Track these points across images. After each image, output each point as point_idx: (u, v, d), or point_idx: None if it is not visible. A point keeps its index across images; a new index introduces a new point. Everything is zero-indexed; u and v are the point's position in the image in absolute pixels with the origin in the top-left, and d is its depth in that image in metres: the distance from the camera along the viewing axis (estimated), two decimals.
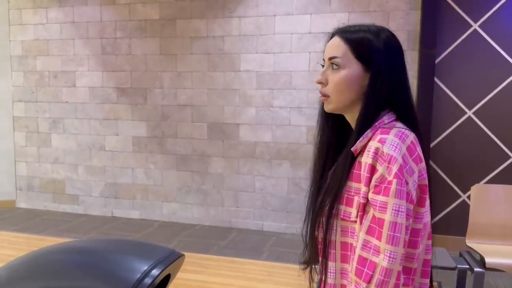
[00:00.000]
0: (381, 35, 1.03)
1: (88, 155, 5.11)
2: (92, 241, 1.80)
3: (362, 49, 1.02)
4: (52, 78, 5.11)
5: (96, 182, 5.13)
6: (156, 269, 1.29)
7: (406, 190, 0.91)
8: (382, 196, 0.91)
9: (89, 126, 5.06)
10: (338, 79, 1.03)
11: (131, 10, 4.77)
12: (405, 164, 0.92)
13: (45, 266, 1.36)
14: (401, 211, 0.90)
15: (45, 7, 5.02)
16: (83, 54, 4.98)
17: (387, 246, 0.89)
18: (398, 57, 1.04)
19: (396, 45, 1.05)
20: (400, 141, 0.94)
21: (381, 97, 1.01)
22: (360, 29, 1.05)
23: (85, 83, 5.01)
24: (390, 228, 0.89)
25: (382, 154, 0.92)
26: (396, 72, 1.03)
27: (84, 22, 4.92)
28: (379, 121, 1.01)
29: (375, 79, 1.01)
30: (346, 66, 1.02)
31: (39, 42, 5.09)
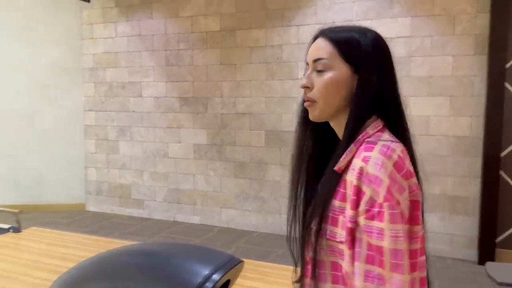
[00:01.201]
0: (368, 34, 0.95)
1: (152, 162, 5.34)
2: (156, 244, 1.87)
3: (350, 50, 0.94)
4: (120, 89, 5.42)
5: (160, 187, 5.34)
6: (217, 274, 1.31)
7: (399, 212, 0.83)
8: (377, 222, 0.83)
9: (154, 134, 5.30)
10: (324, 82, 0.94)
11: (194, 23, 4.95)
12: (394, 183, 0.84)
13: (112, 268, 1.44)
14: (399, 236, 0.82)
15: (114, 22, 5.34)
16: (148, 66, 5.23)
17: (393, 275, 0.81)
18: (386, 59, 0.97)
19: (385, 45, 0.97)
20: (386, 158, 0.85)
21: (369, 101, 0.93)
22: (345, 29, 0.97)
23: (150, 93, 5.26)
24: (391, 256, 0.82)
25: (367, 175, 0.84)
26: (385, 75, 0.95)
27: (150, 35, 5.18)
28: (363, 134, 0.92)
29: (364, 81, 0.93)
30: (333, 68, 0.94)
31: (109, 55, 5.43)
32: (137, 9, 5.20)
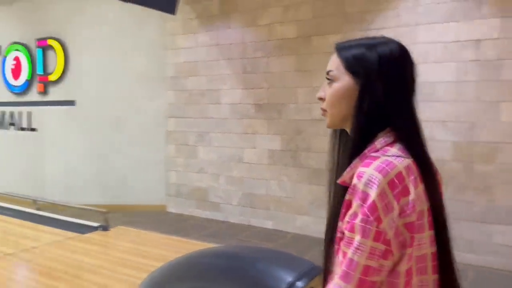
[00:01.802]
0: (377, 47, 0.96)
1: (228, 167, 5.48)
2: (239, 247, 1.91)
3: (353, 62, 0.96)
4: (199, 96, 5.64)
5: (235, 191, 5.46)
6: (301, 281, 1.30)
7: (373, 229, 0.83)
8: (349, 233, 0.86)
9: (230, 140, 5.44)
10: (330, 92, 0.99)
11: (270, 30, 5.02)
12: (381, 201, 0.83)
13: (198, 269, 1.49)
14: (360, 250, 0.83)
15: (194, 32, 5.59)
16: (226, 74, 5.39)
17: (339, 281, 0.86)
18: (393, 69, 0.94)
19: (394, 56, 0.95)
20: (381, 175, 0.85)
21: (370, 112, 0.93)
22: (356, 43, 0.99)
23: (227, 100, 5.41)
24: (347, 264, 0.85)
25: (358, 191, 0.86)
26: (389, 85, 0.93)
27: (228, 44, 5.34)
28: (370, 147, 0.92)
29: (363, 91, 0.94)
30: (339, 79, 0.97)
31: (189, 64, 5.68)
32: (216, 19, 5.39)
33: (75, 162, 6.83)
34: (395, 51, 0.96)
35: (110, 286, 2.64)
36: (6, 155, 7.72)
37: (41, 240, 4.28)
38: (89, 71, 6.56)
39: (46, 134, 7.15)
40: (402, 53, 0.98)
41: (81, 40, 6.58)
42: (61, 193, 6.80)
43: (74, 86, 6.73)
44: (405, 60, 0.98)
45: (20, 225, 4.93)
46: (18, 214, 5.29)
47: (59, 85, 6.86)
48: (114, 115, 6.29)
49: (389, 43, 0.98)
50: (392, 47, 0.97)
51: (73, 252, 3.60)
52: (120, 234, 4.01)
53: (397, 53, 0.96)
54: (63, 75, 6.76)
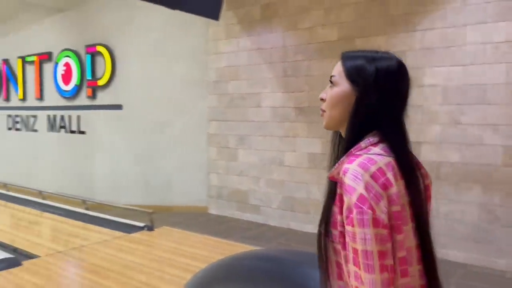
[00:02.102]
0: (377, 61, 1.06)
1: (268, 170, 5.50)
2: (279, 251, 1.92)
3: (353, 71, 1.07)
4: (240, 100, 5.70)
5: (275, 194, 5.47)
6: None
7: (370, 217, 0.91)
8: (350, 227, 0.94)
9: (270, 143, 5.46)
10: (330, 95, 1.10)
11: (312, 34, 5.01)
12: (369, 192, 0.93)
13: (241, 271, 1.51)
14: (367, 239, 0.91)
15: (236, 37, 5.66)
16: (267, 77, 5.42)
17: (364, 275, 0.92)
18: (388, 83, 1.05)
19: (391, 71, 1.06)
20: (363, 170, 0.95)
21: (364, 117, 1.04)
22: (360, 55, 1.10)
23: (268, 104, 5.44)
24: (362, 256, 0.92)
25: (345, 185, 0.95)
26: (383, 96, 1.04)
27: (269, 49, 5.37)
28: (356, 146, 1.03)
29: (359, 99, 1.05)
30: (339, 84, 1.09)
31: (231, 68, 5.76)
32: (258, 24, 5.44)
33: (122, 163, 7.09)
34: (392, 67, 1.07)
35: (155, 285, 2.72)
36: (57, 157, 8.13)
37: (90, 239, 4.47)
38: (136, 76, 6.79)
39: (94, 136, 7.47)
40: (399, 69, 1.07)
41: (128, 47, 6.84)
42: (108, 194, 7.08)
43: (121, 91, 6.99)
44: (400, 75, 1.08)
45: (70, 224, 5.17)
46: (68, 213, 5.55)
47: (107, 90, 7.15)
48: (158, 118, 6.48)
49: (389, 59, 1.08)
50: (390, 63, 1.07)
51: (120, 251, 3.73)
52: (165, 234, 4.12)
53: (394, 69, 1.07)
54: (111, 80, 7.04)
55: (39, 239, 4.57)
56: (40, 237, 4.66)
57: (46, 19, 8.05)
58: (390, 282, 0.92)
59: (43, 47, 8.08)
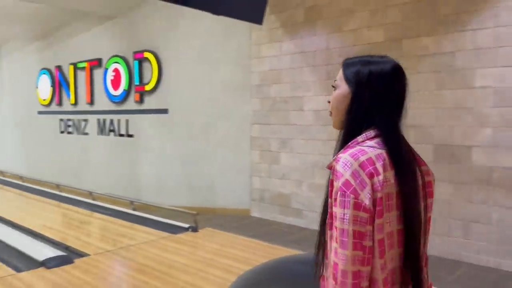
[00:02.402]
0: (371, 65, 1.16)
1: (311, 173, 5.46)
2: None
3: (349, 74, 1.18)
4: (283, 103, 5.71)
5: (318, 198, 5.41)
6: None
7: (351, 201, 1.02)
8: (334, 208, 1.06)
9: (313, 146, 5.42)
10: (333, 97, 1.22)
11: (356, 36, 4.93)
12: (355, 178, 1.04)
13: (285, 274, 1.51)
14: (345, 219, 1.03)
15: (279, 41, 5.67)
16: (310, 81, 5.39)
17: (339, 250, 1.04)
18: (380, 83, 1.14)
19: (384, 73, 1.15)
20: (352, 159, 1.06)
21: (358, 113, 1.15)
22: (357, 61, 1.20)
23: (311, 107, 5.40)
24: (340, 234, 1.03)
25: (336, 171, 1.06)
26: (376, 95, 1.14)
27: (312, 51, 5.34)
28: (353, 140, 1.14)
29: (353, 96, 1.16)
30: (339, 87, 1.20)
31: (273, 72, 5.78)
32: (301, 27, 5.42)
33: (167, 166, 7.28)
34: (385, 69, 1.16)
35: (200, 285, 2.77)
36: (106, 159, 8.47)
37: (137, 239, 4.61)
38: (180, 81, 6.96)
39: (141, 140, 7.72)
40: (392, 72, 1.17)
41: (174, 53, 7.02)
42: (154, 195, 7.29)
43: (167, 95, 7.19)
44: (394, 77, 1.17)
45: (118, 224, 5.36)
46: (116, 213, 5.75)
47: (153, 95, 7.37)
48: (202, 122, 6.60)
49: (383, 63, 1.18)
50: (384, 66, 1.17)
51: (165, 251, 3.83)
52: (209, 235, 4.18)
53: (387, 71, 1.16)
54: (157, 85, 7.26)
55: (89, 238, 4.78)
56: (90, 236, 4.86)
57: (96, 27, 8.42)
58: (364, 261, 1.03)
59: (93, 54, 8.46)
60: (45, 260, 3.46)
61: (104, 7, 7.62)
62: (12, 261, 3.62)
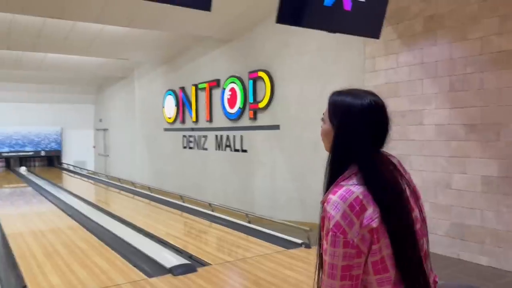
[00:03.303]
0: (353, 100, 1.29)
1: (433, 193, 5.09)
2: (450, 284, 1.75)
3: (330, 111, 1.33)
4: (400, 117, 5.44)
5: (441, 220, 5.02)
6: None
7: (341, 240, 1.16)
8: (326, 244, 1.20)
9: (434, 163, 5.06)
10: (321, 130, 1.38)
11: (484, 44, 4.52)
12: (344, 219, 1.17)
13: None
14: (335, 256, 1.17)
15: (396, 53, 5.45)
16: (430, 93, 5.07)
17: (327, 280, 1.20)
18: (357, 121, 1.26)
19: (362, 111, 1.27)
20: (342, 201, 1.18)
21: (341, 152, 1.29)
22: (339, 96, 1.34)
23: (432, 121, 5.06)
24: (329, 267, 1.19)
25: (327, 212, 1.20)
26: (353, 133, 1.26)
27: (433, 62, 5.02)
28: (341, 176, 1.25)
29: (334, 136, 1.30)
30: (325, 122, 1.36)
31: (390, 85, 5.55)
32: (420, 37, 5.15)
33: (279, 180, 7.42)
34: (365, 106, 1.27)
35: None
36: (223, 173, 8.94)
37: (252, 251, 4.76)
38: (292, 98, 7.09)
39: (254, 154, 8.00)
40: (369, 108, 1.28)
41: (286, 70, 7.20)
42: (267, 208, 7.47)
43: (279, 112, 7.37)
44: (373, 114, 1.28)
45: (234, 235, 5.59)
46: (232, 225, 6.01)
47: (266, 111, 7.62)
48: (313, 138, 6.61)
49: (362, 99, 1.29)
50: (364, 102, 1.28)
51: (280, 265, 3.88)
52: None
53: (366, 109, 1.27)
54: (270, 102, 7.49)
55: (208, 247, 5.06)
56: (208, 246, 5.15)
57: (215, 50, 9.04)
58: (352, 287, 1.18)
59: (212, 75, 9.08)
60: (172, 268, 3.75)
61: (221, 32, 8.15)
62: (143, 266, 4.00)
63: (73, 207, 7.49)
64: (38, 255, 4.45)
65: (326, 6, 3.47)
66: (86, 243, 4.95)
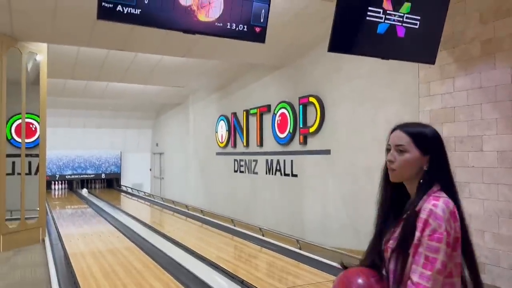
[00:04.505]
0: (432, 130, 1.55)
1: (495, 222, 4.81)
2: None
3: (420, 140, 1.52)
4: (458, 143, 5.24)
5: (505, 252, 4.71)
6: None
7: (446, 239, 1.38)
8: (431, 241, 1.39)
9: (496, 192, 4.79)
10: (403, 160, 1.52)
11: None
12: (448, 223, 1.40)
13: None
14: (440, 251, 1.38)
15: (452, 77, 5.30)
16: (490, 118, 4.86)
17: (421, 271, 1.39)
18: (443, 147, 1.55)
19: (441, 138, 1.56)
20: (446, 207, 1.42)
21: (440, 175, 1.51)
22: (417, 125, 1.59)
23: (493, 147, 4.83)
24: (432, 260, 1.38)
25: (436, 214, 1.40)
26: (443, 157, 1.54)
27: (492, 86, 4.83)
28: (431, 190, 1.48)
29: (432, 161, 1.51)
30: (409, 151, 1.52)
31: (446, 110, 5.38)
32: (478, 61, 4.98)
33: (330, 206, 7.32)
34: (437, 133, 1.56)
35: None
36: (273, 197, 8.96)
37: (302, 278, 4.70)
38: (343, 122, 7.04)
39: (305, 179, 7.97)
40: (439, 135, 1.57)
41: (336, 95, 7.19)
42: (318, 234, 7.36)
43: (330, 136, 7.33)
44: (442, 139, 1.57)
45: (284, 261, 5.56)
46: (282, 250, 5.98)
47: (316, 136, 7.61)
48: (365, 163, 6.49)
49: (430, 127, 1.58)
50: (434, 130, 1.57)
51: None
52: None
53: (439, 135, 1.56)
54: (320, 126, 7.48)
55: (258, 272, 5.07)
56: (259, 271, 5.15)
57: (266, 77, 9.23)
58: (439, 281, 1.38)
59: (263, 101, 9.24)
60: None
61: (272, 59, 8.34)
62: None
63: (130, 228, 7.80)
64: (97, 275, 4.67)
65: (379, 34, 3.48)
66: (142, 264, 5.13)
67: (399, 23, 3.55)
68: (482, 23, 4.95)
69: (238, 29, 3.03)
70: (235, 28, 3.02)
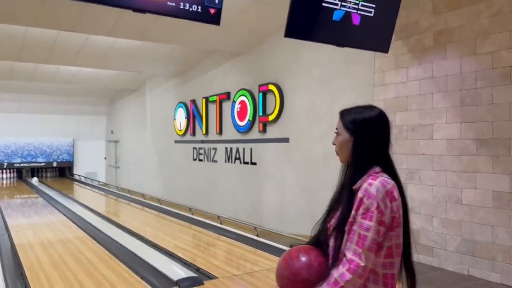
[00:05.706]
0: (363, 113, 1.62)
1: (443, 208, 5.02)
2: None
3: (348, 123, 1.62)
4: (410, 132, 5.41)
5: (452, 236, 4.94)
6: None
7: (378, 218, 1.45)
8: (366, 221, 1.46)
9: (445, 178, 5.00)
10: (338, 142, 1.66)
11: (495, 58, 4.50)
12: (383, 202, 1.46)
13: None
14: (370, 230, 1.45)
15: (406, 67, 5.45)
16: (441, 107, 5.04)
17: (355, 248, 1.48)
18: (377, 128, 1.60)
19: (377, 119, 1.61)
20: (382, 186, 1.48)
21: (363, 155, 1.58)
22: (350, 110, 1.67)
23: (442, 136, 5.03)
24: (362, 237, 1.45)
25: (369, 193, 1.47)
26: (375, 138, 1.59)
27: (443, 76, 5.01)
28: (372, 170, 1.54)
29: (355, 142, 1.60)
30: (341, 134, 1.65)
31: (399, 99, 5.54)
32: (430, 51, 5.14)
33: (288, 193, 7.39)
34: (374, 117, 1.61)
35: None
36: (232, 185, 8.94)
37: (260, 265, 4.72)
38: (301, 111, 7.10)
39: (264, 167, 7.99)
40: (380, 118, 1.61)
41: (295, 83, 7.22)
42: (276, 222, 7.43)
43: (288, 125, 7.38)
44: (382, 123, 1.61)
45: (242, 248, 5.56)
46: (241, 238, 5.97)
47: (275, 124, 7.64)
48: (322, 151, 6.59)
49: (371, 111, 1.63)
50: (372, 114, 1.62)
51: None
52: None
53: (376, 118, 1.61)
54: (279, 115, 7.51)
55: (216, 260, 5.04)
56: (217, 259, 5.13)
57: (225, 63, 9.12)
58: (371, 258, 1.46)
59: (223, 88, 9.15)
60: (179, 280, 3.74)
61: (232, 45, 8.24)
62: (150, 279, 4.00)
63: (83, 218, 7.53)
64: (46, 265, 4.48)
65: (335, 21, 3.49)
66: (94, 254, 4.97)
67: (355, 11, 3.58)
68: (435, 14, 5.10)
69: (192, 9, 2.93)
70: (188, 9, 2.92)
